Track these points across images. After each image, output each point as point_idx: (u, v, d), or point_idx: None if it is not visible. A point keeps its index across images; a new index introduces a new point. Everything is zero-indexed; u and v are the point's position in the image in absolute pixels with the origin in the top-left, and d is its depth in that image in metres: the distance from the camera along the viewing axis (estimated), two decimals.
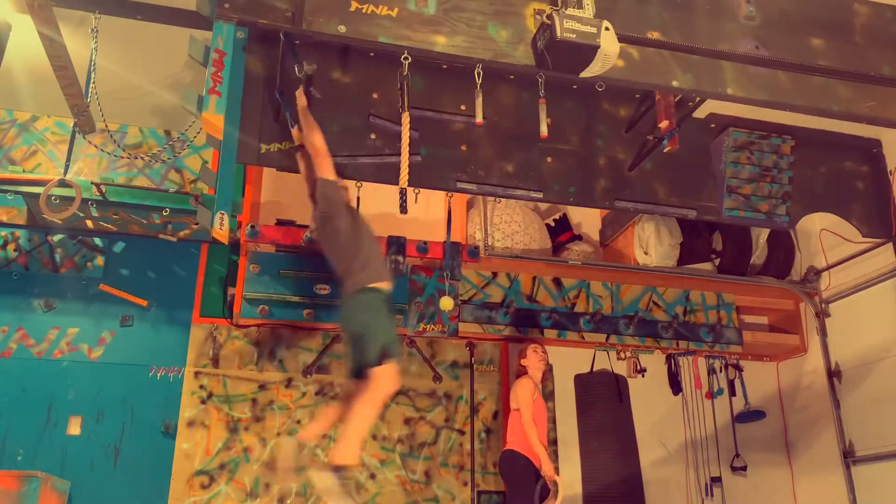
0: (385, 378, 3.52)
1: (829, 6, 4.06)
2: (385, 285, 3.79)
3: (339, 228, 3.82)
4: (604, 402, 5.67)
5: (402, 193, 3.59)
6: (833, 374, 5.81)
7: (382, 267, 3.92)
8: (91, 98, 4.06)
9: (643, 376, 5.82)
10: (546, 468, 4.72)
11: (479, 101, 3.57)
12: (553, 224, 6.14)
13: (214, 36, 3.51)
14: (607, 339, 5.75)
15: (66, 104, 3.97)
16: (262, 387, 5.27)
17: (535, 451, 4.76)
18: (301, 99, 3.87)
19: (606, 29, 3.27)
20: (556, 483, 4.85)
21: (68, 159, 4.41)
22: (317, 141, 3.78)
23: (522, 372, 5.12)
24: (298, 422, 5.24)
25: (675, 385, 6.04)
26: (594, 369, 5.78)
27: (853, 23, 4.07)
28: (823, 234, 5.98)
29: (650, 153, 4.64)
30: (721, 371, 6.17)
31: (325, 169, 3.79)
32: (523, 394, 4.92)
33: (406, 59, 3.46)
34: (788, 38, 3.91)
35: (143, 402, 5.01)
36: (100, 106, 4.20)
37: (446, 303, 5.15)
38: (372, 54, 4.24)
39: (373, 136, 4.30)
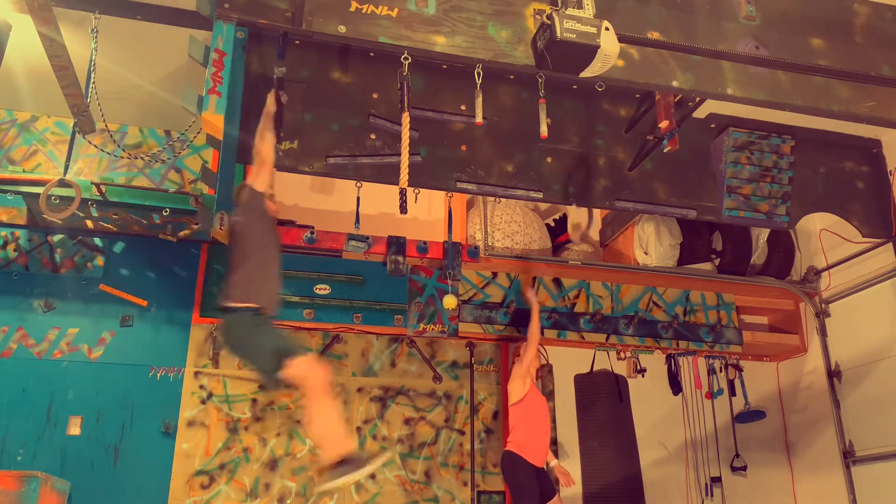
0: (303, 372, 3.36)
1: (829, 6, 4.06)
2: (254, 305, 3.50)
3: (245, 240, 3.63)
4: (604, 402, 5.67)
5: (402, 193, 3.59)
6: (833, 374, 5.81)
7: (263, 290, 3.60)
8: (91, 98, 4.06)
9: (643, 376, 5.83)
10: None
11: (479, 101, 3.57)
12: (553, 224, 6.14)
13: (214, 36, 3.52)
14: (607, 339, 5.75)
15: (66, 104, 3.97)
16: (263, 387, 5.26)
17: (535, 446, 4.79)
18: (269, 103, 3.77)
19: (606, 29, 3.28)
20: (562, 474, 4.85)
21: (68, 159, 4.40)
22: (265, 150, 3.65)
23: None
24: (298, 422, 5.23)
25: (675, 385, 6.03)
26: (594, 369, 5.78)
27: (853, 23, 4.08)
28: (823, 234, 5.97)
29: (650, 153, 4.64)
30: (721, 371, 6.17)
31: (260, 179, 3.64)
32: (514, 371, 5.02)
33: (406, 59, 3.47)
34: (788, 38, 3.92)
35: (143, 403, 5.00)
36: (100, 106, 4.20)
37: (450, 301, 5.11)
38: (372, 54, 4.24)
39: (373, 136, 4.31)
